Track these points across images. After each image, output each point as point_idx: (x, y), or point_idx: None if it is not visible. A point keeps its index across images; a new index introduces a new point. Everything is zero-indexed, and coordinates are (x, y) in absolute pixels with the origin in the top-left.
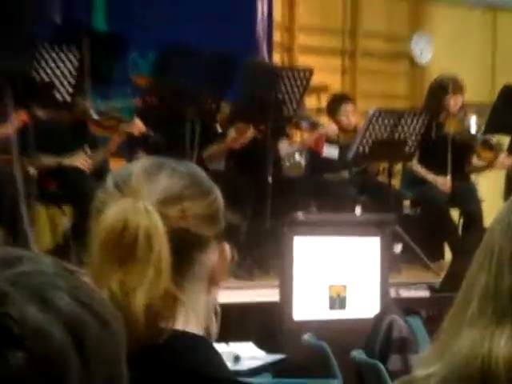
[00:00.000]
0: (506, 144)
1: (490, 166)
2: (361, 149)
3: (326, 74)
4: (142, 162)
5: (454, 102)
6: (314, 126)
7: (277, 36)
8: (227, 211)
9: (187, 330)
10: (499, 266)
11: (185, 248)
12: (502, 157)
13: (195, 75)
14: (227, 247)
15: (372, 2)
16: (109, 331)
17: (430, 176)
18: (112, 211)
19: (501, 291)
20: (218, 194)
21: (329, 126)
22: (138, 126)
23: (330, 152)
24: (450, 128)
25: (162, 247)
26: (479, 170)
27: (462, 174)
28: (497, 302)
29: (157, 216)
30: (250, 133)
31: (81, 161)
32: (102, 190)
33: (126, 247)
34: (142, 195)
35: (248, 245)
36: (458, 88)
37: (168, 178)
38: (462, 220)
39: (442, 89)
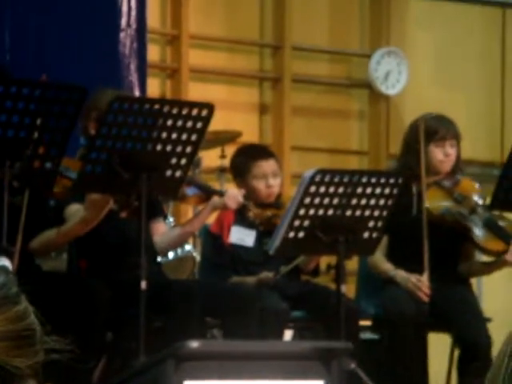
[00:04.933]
0: None
1: (498, 264)
2: (291, 234)
3: (237, 113)
4: None
5: (439, 157)
6: (206, 193)
7: (153, 50)
8: (65, 337)
9: None
10: None
11: None
12: None
13: (16, 113)
14: None
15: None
16: None
17: (399, 274)
18: None
19: None
20: (29, 308)
21: (228, 193)
22: None
23: (242, 238)
24: (430, 199)
25: None
26: (482, 270)
27: (451, 273)
28: None
29: None
30: (107, 208)
31: None
32: None
33: None
34: None
35: None
36: (450, 135)
37: None
38: (456, 350)
39: (422, 137)
